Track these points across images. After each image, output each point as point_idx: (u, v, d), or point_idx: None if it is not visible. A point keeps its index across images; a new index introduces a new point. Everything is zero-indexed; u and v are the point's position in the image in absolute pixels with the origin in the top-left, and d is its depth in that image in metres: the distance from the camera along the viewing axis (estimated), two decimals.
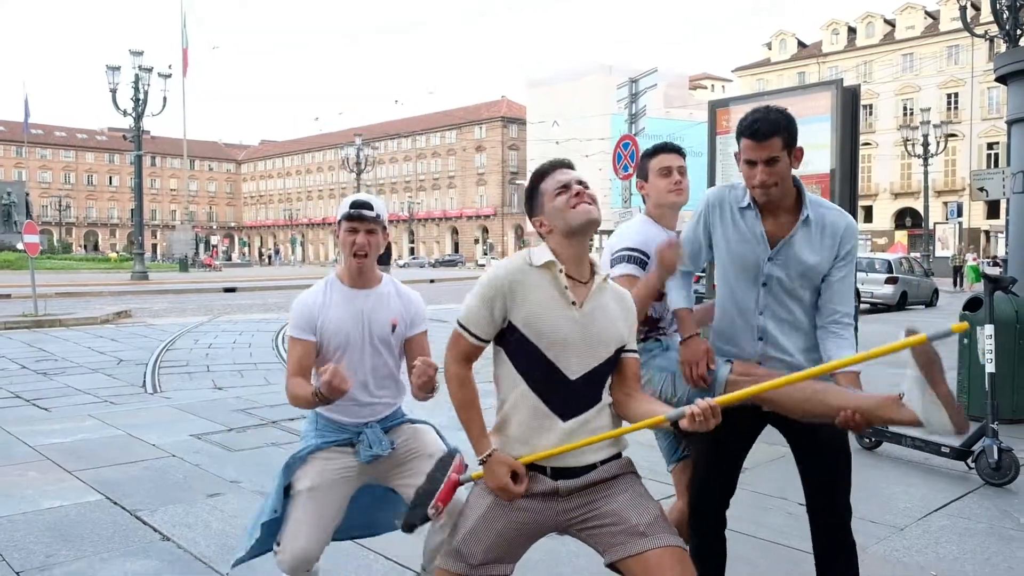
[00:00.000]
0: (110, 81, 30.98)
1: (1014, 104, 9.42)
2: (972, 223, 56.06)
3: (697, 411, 2.15)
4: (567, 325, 2.28)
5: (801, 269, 2.62)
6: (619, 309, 2.40)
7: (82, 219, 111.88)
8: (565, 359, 2.29)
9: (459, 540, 2.34)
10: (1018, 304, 7.13)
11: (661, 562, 2.20)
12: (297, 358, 2.97)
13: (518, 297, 2.29)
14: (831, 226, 2.63)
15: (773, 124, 2.52)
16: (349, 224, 2.96)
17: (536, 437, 2.31)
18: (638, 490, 2.37)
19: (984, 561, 3.99)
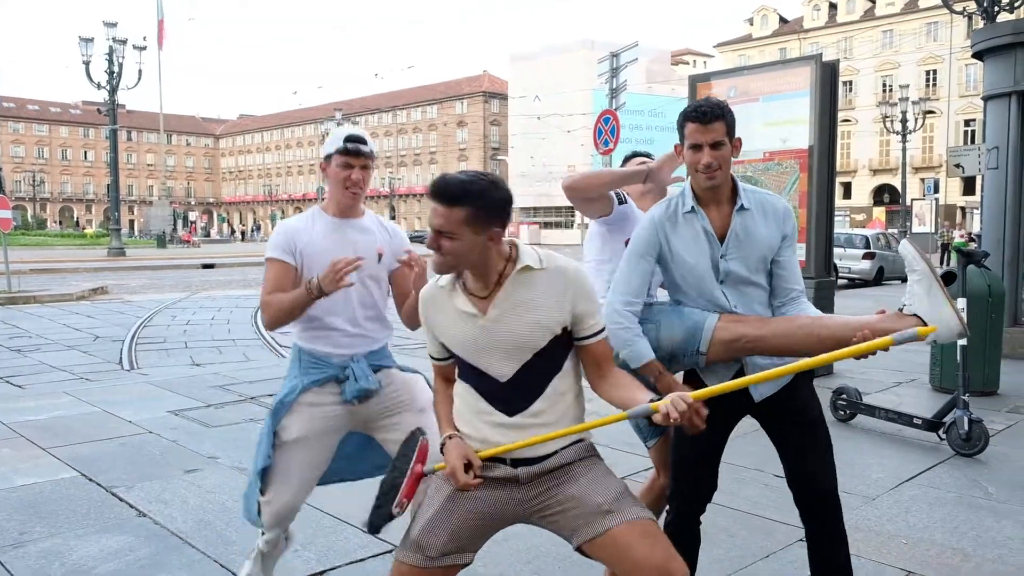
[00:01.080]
0: (83, 53, 30.45)
1: (990, 80, 9.49)
2: (948, 199, 56.47)
3: (675, 414, 2.07)
4: (474, 335, 2.27)
5: (753, 256, 2.66)
6: (553, 296, 2.25)
7: (57, 194, 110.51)
8: (487, 365, 2.28)
9: (418, 532, 2.27)
10: (990, 278, 7.21)
11: (630, 535, 2.15)
12: (274, 278, 2.90)
13: (431, 317, 2.38)
14: (771, 208, 2.70)
15: (716, 108, 2.60)
16: (344, 159, 2.91)
17: (488, 432, 2.29)
18: (599, 470, 2.31)
19: (953, 529, 4.06)
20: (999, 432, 5.86)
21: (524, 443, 2.25)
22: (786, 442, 2.74)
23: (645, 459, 4.49)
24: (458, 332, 2.30)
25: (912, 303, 2.45)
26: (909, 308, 2.45)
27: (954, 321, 2.37)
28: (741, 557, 3.73)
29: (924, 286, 2.42)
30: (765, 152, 8.12)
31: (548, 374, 2.30)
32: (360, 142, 2.92)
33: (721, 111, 2.60)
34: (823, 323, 2.56)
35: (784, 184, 7.99)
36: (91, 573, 3.56)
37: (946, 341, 2.45)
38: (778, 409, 2.70)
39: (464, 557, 2.31)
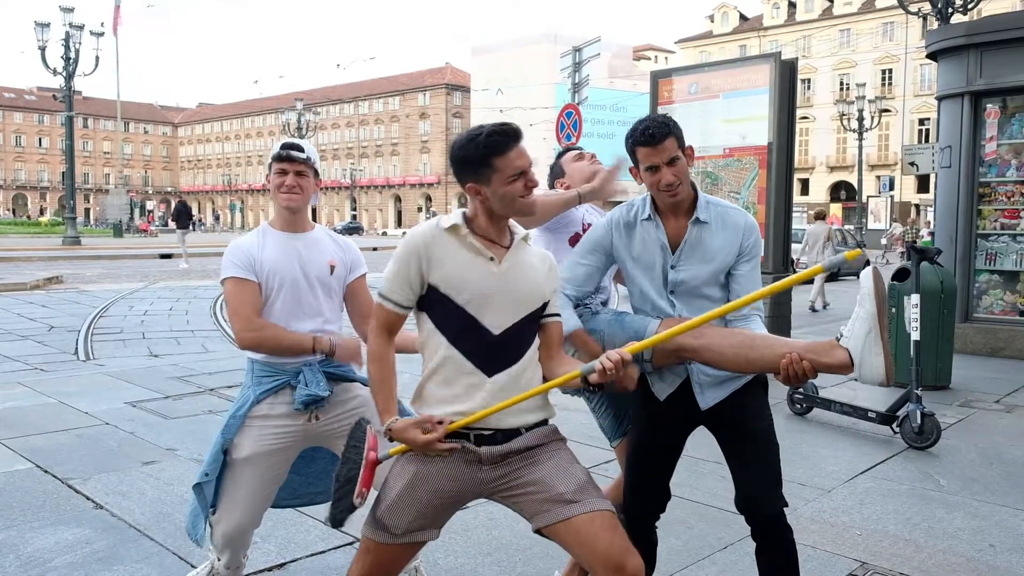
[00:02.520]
0: (39, 38, 29.79)
1: (944, 80, 9.68)
2: (903, 196, 57.43)
3: (608, 364, 2.17)
4: (487, 280, 2.27)
5: (705, 269, 2.66)
6: (542, 267, 2.40)
7: (10, 182, 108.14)
8: (486, 315, 2.27)
9: (383, 511, 2.29)
10: (943, 274, 7.37)
11: (591, 527, 2.19)
12: (249, 300, 2.88)
13: (434, 258, 2.27)
14: (731, 221, 2.68)
15: (663, 126, 2.57)
16: (279, 166, 2.91)
17: (463, 397, 2.27)
18: (564, 457, 2.34)
19: (905, 521, 4.16)
20: (951, 426, 6.00)
21: (491, 409, 2.25)
22: (732, 455, 2.72)
23: (606, 452, 4.54)
24: (468, 274, 2.27)
25: (849, 338, 2.41)
26: (844, 341, 2.42)
27: (880, 371, 2.35)
28: (699, 548, 3.78)
29: (865, 328, 2.37)
30: (725, 148, 8.21)
31: (530, 337, 2.36)
32: (294, 148, 2.93)
33: (668, 127, 2.59)
34: (755, 344, 2.53)
35: (743, 180, 8.09)
36: (47, 565, 3.51)
37: (868, 383, 2.45)
38: (727, 416, 2.70)
39: (429, 534, 2.34)
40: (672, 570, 3.52)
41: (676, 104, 8.64)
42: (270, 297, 2.92)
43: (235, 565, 3.11)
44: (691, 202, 2.68)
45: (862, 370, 2.38)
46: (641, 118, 2.69)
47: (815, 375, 2.43)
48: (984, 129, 9.21)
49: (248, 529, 3.00)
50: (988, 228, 9.26)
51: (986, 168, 9.25)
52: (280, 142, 2.98)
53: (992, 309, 9.31)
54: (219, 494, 2.93)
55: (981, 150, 9.23)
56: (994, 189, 9.24)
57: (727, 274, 2.70)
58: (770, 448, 2.68)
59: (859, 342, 2.37)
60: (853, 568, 3.58)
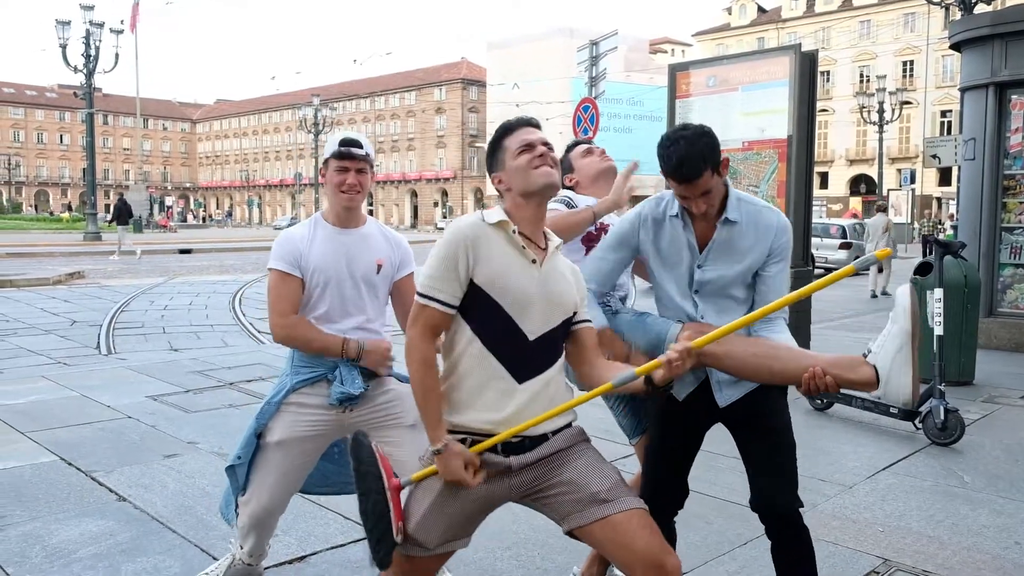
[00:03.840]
0: (60, 36, 30.03)
1: (967, 71, 9.58)
2: (925, 190, 56.95)
3: (675, 356, 2.14)
4: (530, 283, 2.23)
5: (733, 270, 2.61)
6: (572, 277, 2.37)
7: (32, 178, 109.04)
8: (525, 318, 2.22)
9: (413, 527, 2.26)
10: (966, 268, 7.30)
11: (628, 525, 2.17)
12: (288, 295, 2.88)
13: (481, 252, 2.20)
14: (763, 222, 2.61)
15: (697, 164, 2.43)
16: (339, 163, 2.89)
17: (494, 405, 2.22)
18: (593, 456, 2.32)
19: (928, 518, 4.12)
20: (974, 422, 5.95)
21: (523, 426, 2.21)
22: (748, 452, 2.69)
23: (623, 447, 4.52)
24: (513, 275, 2.22)
25: (878, 355, 2.35)
26: (872, 357, 2.36)
27: (907, 391, 2.30)
28: (718, 543, 3.77)
29: (896, 344, 2.32)
30: (744, 142, 8.16)
31: (561, 347, 2.34)
32: (354, 145, 2.91)
33: (702, 162, 2.44)
34: (778, 355, 2.49)
35: (763, 174, 8.03)
36: (72, 557, 3.54)
37: (890, 403, 2.39)
38: (745, 414, 2.66)
39: (460, 543, 2.34)
40: (691, 566, 3.51)
41: (694, 97, 8.58)
42: (314, 295, 2.92)
43: (258, 553, 3.15)
44: (722, 200, 2.60)
45: (887, 388, 2.32)
46: (674, 136, 2.49)
47: (838, 390, 2.40)
48: (1009, 121, 9.10)
49: (275, 512, 3.03)
50: (1013, 221, 9.16)
51: (1011, 160, 9.14)
52: (338, 136, 2.94)
53: (1017, 304, 9.21)
54: (250, 477, 2.97)
55: (1006, 142, 9.12)
56: (1019, 182, 9.14)
57: (754, 274, 2.64)
58: (786, 448, 2.65)
59: (888, 359, 2.31)
60: (875, 565, 3.56)
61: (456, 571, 3.43)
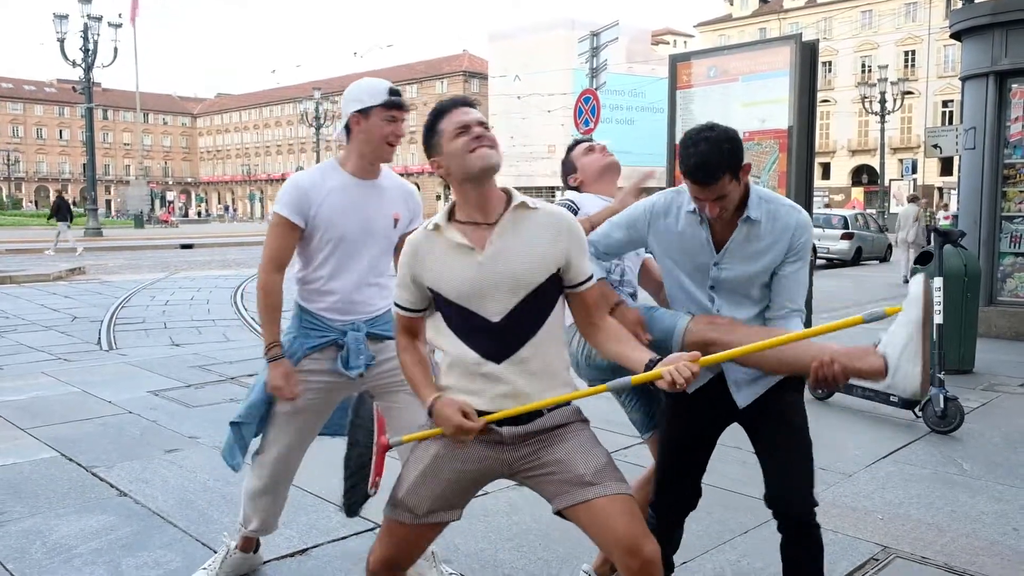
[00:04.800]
0: (58, 30, 29.97)
1: (968, 61, 9.56)
2: (926, 180, 56.83)
3: (680, 379, 2.09)
4: (470, 272, 2.22)
5: (750, 268, 2.57)
6: (548, 235, 2.26)
7: (32, 174, 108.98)
8: (480, 305, 2.23)
9: (404, 492, 2.30)
10: (966, 257, 7.29)
11: (609, 510, 2.17)
12: (279, 247, 2.86)
13: (422, 261, 2.28)
14: (783, 221, 2.54)
15: (714, 167, 2.37)
16: (388, 112, 2.84)
17: (484, 389, 2.24)
18: (585, 438, 2.31)
19: (928, 505, 4.13)
20: (974, 410, 5.95)
21: (519, 409, 2.23)
22: (765, 452, 2.66)
23: (626, 437, 4.54)
24: (452, 271, 2.24)
25: (888, 344, 2.32)
26: (882, 347, 2.34)
27: (916, 381, 2.26)
28: (720, 533, 3.78)
29: (906, 334, 2.28)
30: (745, 132, 8.12)
31: (540, 316, 2.28)
32: (399, 94, 2.89)
33: (723, 165, 2.37)
34: (789, 345, 2.42)
35: (763, 164, 8.02)
36: (72, 552, 3.55)
37: (899, 394, 2.37)
38: (761, 413, 2.64)
39: (451, 514, 2.35)
40: (693, 554, 3.52)
41: (695, 88, 8.56)
42: (324, 251, 2.88)
43: (266, 527, 3.17)
44: (743, 198, 2.53)
45: (896, 378, 2.29)
46: (697, 136, 2.41)
47: (846, 380, 2.36)
48: (1009, 110, 9.08)
49: (292, 467, 3.08)
50: (1013, 210, 9.15)
51: (1011, 149, 9.12)
52: (375, 84, 2.86)
53: (1017, 292, 9.21)
54: (265, 436, 3.01)
55: (1006, 131, 9.10)
56: (1019, 171, 9.12)
57: (774, 272, 2.59)
58: (804, 448, 2.63)
59: (897, 349, 2.29)
60: (875, 552, 3.56)
61: (457, 562, 3.45)
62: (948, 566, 3.43)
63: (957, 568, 3.41)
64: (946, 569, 3.41)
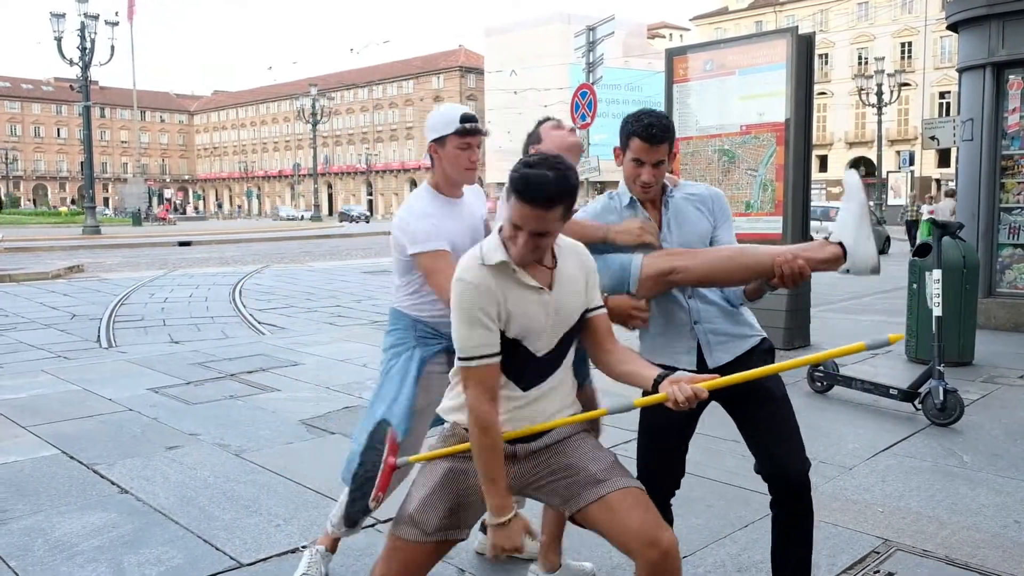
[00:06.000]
0: (55, 29, 29.97)
1: (965, 52, 9.55)
2: (924, 172, 56.86)
3: (682, 399, 2.09)
4: (540, 313, 2.22)
5: (691, 238, 2.73)
6: (578, 268, 2.32)
7: (30, 172, 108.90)
8: (533, 341, 2.25)
9: (413, 509, 2.29)
10: (965, 249, 7.29)
11: (623, 503, 2.20)
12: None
13: (497, 302, 2.16)
14: (699, 196, 2.79)
15: (665, 130, 2.62)
16: (463, 140, 2.90)
17: (501, 408, 2.26)
18: (591, 442, 2.38)
19: (928, 497, 4.13)
20: (974, 402, 5.95)
21: (532, 429, 2.28)
22: (753, 424, 2.72)
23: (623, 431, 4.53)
24: (529, 310, 2.20)
25: (839, 232, 2.52)
26: (835, 237, 2.54)
27: (873, 257, 2.48)
28: (720, 527, 3.78)
29: (855, 216, 2.50)
30: (742, 125, 8.14)
31: (568, 351, 2.35)
32: (474, 120, 2.96)
33: (668, 133, 2.63)
34: (747, 252, 2.62)
35: (761, 157, 8.03)
36: (74, 549, 3.56)
37: (859, 274, 2.54)
38: (742, 389, 2.61)
39: (459, 533, 2.34)
40: (693, 548, 3.52)
41: (692, 82, 8.57)
42: None
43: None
44: (660, 189, 2.77)
45: (855, 258, 2.49)
46: (647, 110, 2.71)
47: (809, 273, 2.51)
48: (1007, 101, 9.07)
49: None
50: (1011, 201, 9.14)
51: (1009, 140, 9.12)
52: (455, 110, 2.92)
53: (1016, 284, 9.21)
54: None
55: (1004, 122, 9.09)
56: (1017, 162, 9.11)
57: (711, 242, 2.77)
58: (790, 415, 2.72)
59: (851, 231, 2.48)
60: (876, 545, 3.57)
61: (459, 558, 3.45)
62: (949, 558, 3.43)
63: (958, 560, 3.42)
64: (947, 561, 3.41)
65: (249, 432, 5.32)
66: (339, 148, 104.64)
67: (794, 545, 2.77)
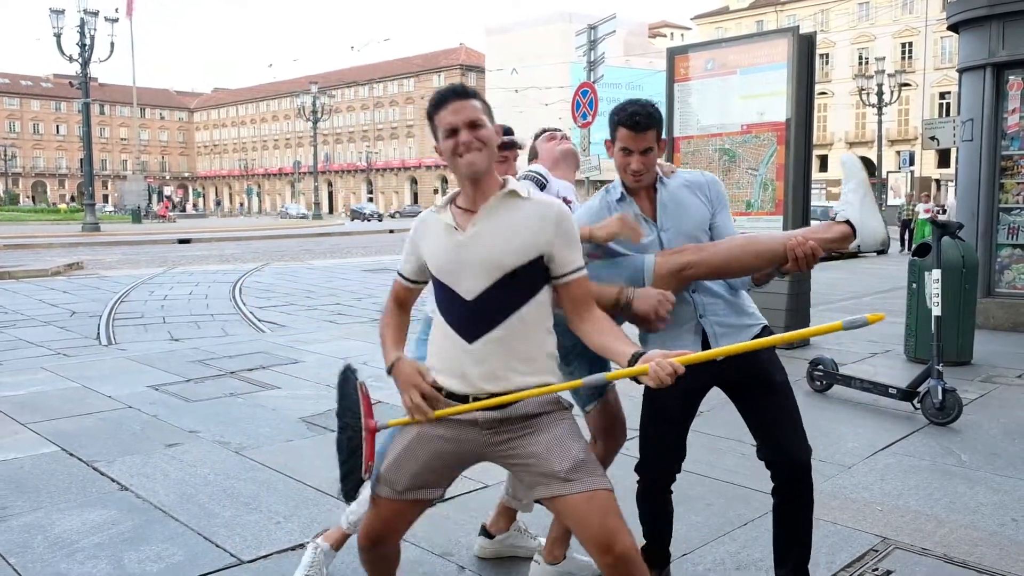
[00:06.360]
0: (54, 25, 29.97)
1: (965, 52, 9.56)
2: (924, 172, 56.83)
3: (664, 375, 2.08)
4: (450, 250, 2.32)
5: (689, 222, 2.76)
6: (533, 223, 2.28)
7: (29, 169, 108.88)
8: (456, 282, 2.31)
9: (385, 467, 2.38)
10: (964, 249, 7.30)
11: (584, 507, 2.18)
12: None
13: (424, 237, 2.41)
14: (695, 182, 2.83)
15: (649, 118, 2.67)
16: (500, 154, 2.95)
17: (452, 367, 2.31)
18: (563, 430, 2.29)
19: (927, 496, 4.14)
20: (972, 401, 5.96)
21: (495, 401, 2.26)
22: (756, 410, 2.78)
23: None
24: (438, 248, 2.35)
25: (844, 210, 2.60)
26: (841, 215, 2.60)
27: (881, 230, 2.59)
28: (719, 525, 3.79)
29: (859, 196, 2.60)
30: (743, 125, 8.15)
31: (516, 300, 2.29)
32: (509, 134, 3.12)
33: (653, 120, 2.68)
34: (758, 240, 2.67)
35: (761, 157, 8.03)
36: (74, 546, 3.56)
37: (868, 248, 2.64)
38: (746, 374, 2.75)
39: (431, 492, 2.40)
40: (693, 546, 3.53)
41: (693, 81, 8.57)
42: None
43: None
44: (653, 179, 2.82)
45: (864, 233, 2.57)
46: (632, 99, 2.77)
47: (821, 254, 2.56)
48: (1007, 101, 9.08)
49: None
50: (1011, 202, 9.15)
51: (1008, 141, 9.13)
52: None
53: (1014, 284, 9.22)
54: None
55: (1003, 123, 9.10)
56: (1016, 162, 9.12)
57: (709, 228, 2.80)
58: (791, 400, 2.78)
59: (856, 209, 2.58)
60: (874, 543, 3.58)
61: (458, 554, 3.46)
62: (947, 557, 3.44)
63: (956, 559, 3.42)
64: (945, 560, 3.42)
65: (249, 429, 5.33)
66: (339, 146, 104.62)
67: (794, 533, 2.82)
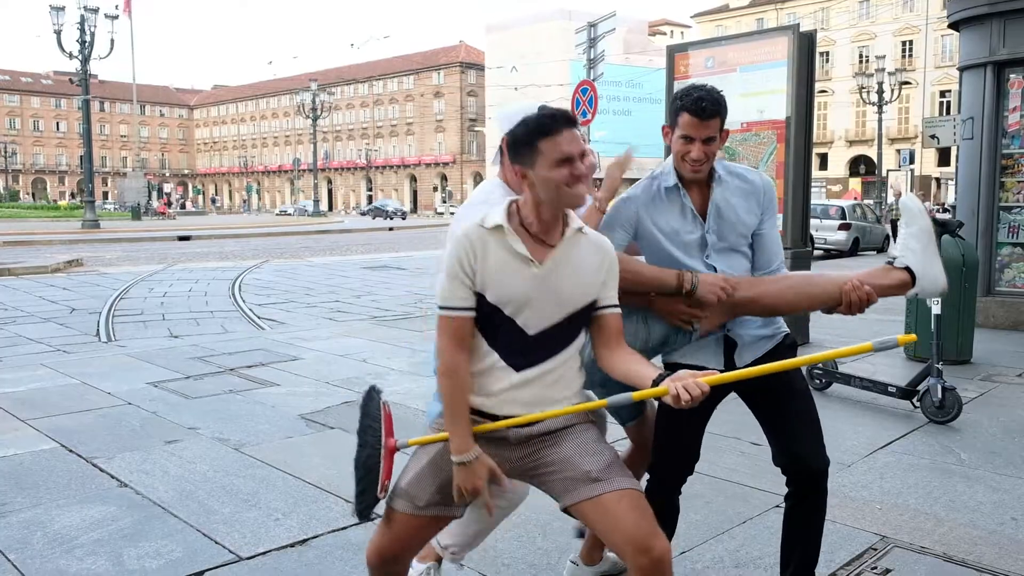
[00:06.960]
0: (54, 22, 29.92)
1: (966, 50, 9.55)
2: (924, 170, 56.89)
3: (687, 397, 2.03)
4: (521, 282, 2.21)
5: (736, 228, 2.68)
6: (595, 261, 2.30)
7: (29, 166, 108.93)
8: (524, 316, 2.23)
9: (408, 481, 2.32)
10: (964, 247, 7.29)
11: (618, 506, 2.17)
12: None
13: (483, 260, 2.21)
14: (750, 184, 2.71)
15: (716, 104, 2.54)
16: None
17: (494, 389, 2.26)
18: (590, 436, 2.32)
19: (926, 495, 4.14)
20: (972, 400, 5.97)
21: (529, 418, 2.25)
22: (775, 414, 2.72)
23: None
24: (507, 277, 2.21)
25: (905, 256, 2.51)
26: (900, 261, 2.52)
27: (942, 279, 2.49)
28: (719, 523, 3.79)
29: (922, 241, 2.49)
30: (742, 123, 8.14)
31: (569, 338, 2.30)
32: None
33: (720, 107, 2.56)
34: (812, 281, 2.62)
35: (761, 155, 8.03)
36: (74, 542, 3.56)
37: (928, 296, 2.55)
38: (764, 382, 2.63)
39: (452, 510, 2.34)
40: (691, 544, 3.53)
41: (692, 79, 8.56)
42: None
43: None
44: (709, 171, 2.69)
45: (924, 282, 2.50)
46: (698, 84, 2.61)
47: (876, 299, 2.50)
48: (1007, 100, 9.08)
49: None
50: (1011, 200, 9.15)
51: (1009, 140, 9.13)
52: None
53: (1014, 282, 9.22)
54: None
55: (1004, 121, 9.10)
56: (1017, 161, 9.12)
57: (754, 234, 2.72)
58: (812, 408, 2.73)
59: (918, 256, 2.49)
60: (873, 541, 3.58)
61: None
62: (946, 555, 3.45)
63: (955, 557, 3.43)
64: (944, 558, 3.42)
65: (248, 426, 5.33)
66: (339, 143, 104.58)
67: (804, 537, 2.79)
